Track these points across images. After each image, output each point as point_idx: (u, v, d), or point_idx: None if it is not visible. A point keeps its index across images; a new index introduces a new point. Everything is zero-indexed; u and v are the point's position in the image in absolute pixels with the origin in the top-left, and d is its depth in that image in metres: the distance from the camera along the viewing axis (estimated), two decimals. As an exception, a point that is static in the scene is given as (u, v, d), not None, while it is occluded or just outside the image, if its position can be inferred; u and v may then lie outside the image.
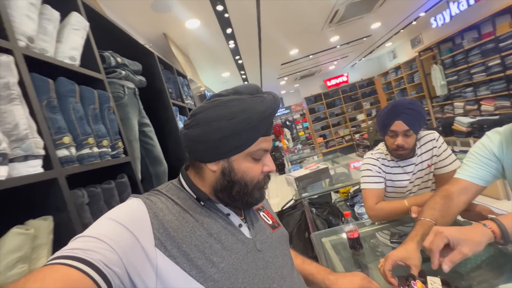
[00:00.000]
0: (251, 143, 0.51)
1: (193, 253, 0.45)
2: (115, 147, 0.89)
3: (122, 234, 0.42)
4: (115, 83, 1.11)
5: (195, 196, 0.53)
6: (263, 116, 0.50)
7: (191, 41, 3.04)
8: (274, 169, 0.56)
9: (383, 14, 3.95)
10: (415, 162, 1.14)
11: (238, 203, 0.54)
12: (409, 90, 6.51)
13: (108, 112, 0.89)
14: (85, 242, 0.39)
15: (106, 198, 0.78)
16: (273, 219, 0.64)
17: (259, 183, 0.54)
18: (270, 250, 0.55)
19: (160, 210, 0.48)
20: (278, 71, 5.94)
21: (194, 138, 0.51)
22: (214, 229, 0.50)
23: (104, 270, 0.36)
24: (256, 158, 0.53)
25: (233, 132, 0.49)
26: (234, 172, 0.52)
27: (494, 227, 0.59)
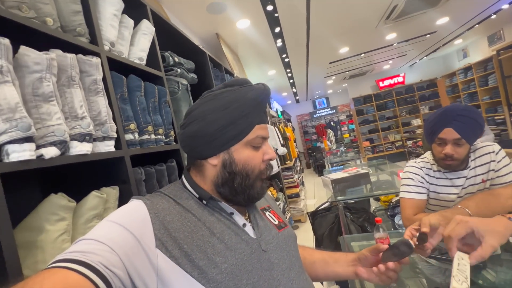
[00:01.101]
0: (248, 131, 0.52)
1: (194, 254, 0.44)
2: (168, 135, 1.03)
3: (123, 236, 0.42)
4: (171, 80, 1.27)
5: (197, 195, 0.53)
6: (255, 103, 0.52)
7: (240, 40, 3.18)
8: (275, 157, 0.56)
9: (452, 8, 3.50)
10: (467, 175, 1.04)
11: (240, 197, 0.53)
12: (481, 94, 5.65)
13: (165, 105, 1.04)
14: (85, 245, 0.39)
15: (158, 177, 0.92)
16: (279, 219, 0.62)
17: (261, 172, 0.54)
18: (276, 251, 0.53)
19: (161, 211, 0.48)
20: (326, 69, 5.76)
21: (192, 134, 0.52)
22: (217, 228, 0.49)
23: (103, 272, 0.36)
24: (255, 146, 0.53)
25: (228, 122, 0.50)
26: (235, 163, 0.52)
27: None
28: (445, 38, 5.13)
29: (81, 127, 0.61)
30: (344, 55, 4.80)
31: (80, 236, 0.41)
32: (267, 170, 0.55)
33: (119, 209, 0.48)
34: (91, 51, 0.72)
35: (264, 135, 0.54)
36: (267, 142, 0.56)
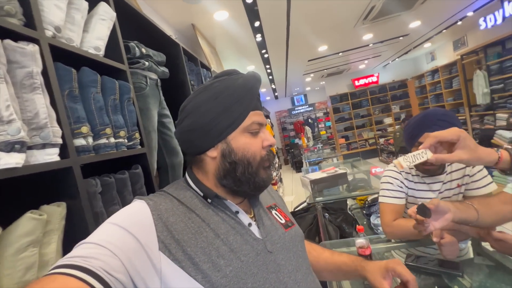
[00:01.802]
0: (243, 117, 0.51)
1: (198, 257, 0.43)
2: (132, 138, 0.90)
3: (124, 239, 0.41)
4: (137, 74, 1.13)
5: (201, 194, 0.52)
6: (246, 89, 0.51)
7: (218, 33, 3.03)
8: (275, 142, 0.55)
9: (424, 12, 3.65)
10: (443, 180, 1.05)
11: (245, 186, 0.51)
12: (445, 96, 6.05)
13: (128, 103, 0.90)
14: (86, 249, 0.38)
15: (119, 187, 0.80)
16: (286, 218, 0.60)
17: (262, 159, 0.52)
18: (283, 252, 0.51)
19: (165, 212, 0.46)
20: (305, 67, 5.78)
21: (188, 128, 0.52)
22: (221, 229, 0.48)
23: (105, 277, 0.35)
24: (252, 132, 0.52)
25: (222, 110, 0.50)
26: (234, 152, 0.51)
27: (504, 155, 0.58)
28: (416, 41, 5.38)
29: (8, 133, 0.48)
30: (323, 53, 4.84)
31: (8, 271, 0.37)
32: (269, 157, 0.53)
33: (121, 211, 0.46)
34: (27, 37, 0.58)
35: (260, 121, 0.53)
36: (265, 128, 0.54)
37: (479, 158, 0.58)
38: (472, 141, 0.58)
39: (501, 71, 4.46)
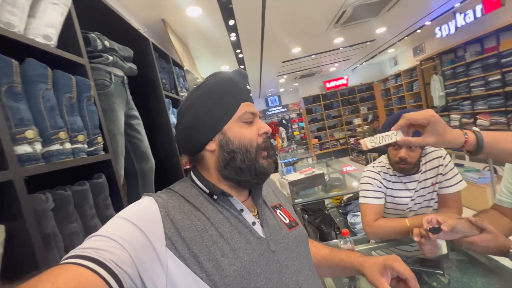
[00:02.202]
0: (235, 107, 0.53)
1: (203, 255, 0.43)
2: (93, 142, 0.78)
3: (134, 234, 0.41)
4: (100, 69, 1.00)
5: (207, 191, 0.53)
6: (233, 82, 0.54)
7: (191, 30, 2.90)
8: (270, 130, 0.56)
9: (389, 19, 3.88)
10: (418, 179, 1.08)
11: (247, 174, 0.52)
12: (407, 98, 6.51)
13: (88, 103, 0.78)
14: (97, 242, 0.39)
15: (78, 202, 0.68)
16: (290, 218, 0.60)
17: (259, 146, 0.53)
18: (286, 252, 0.51)
19: (172, 209, 0.47)
20: (279, 68, 5.82)
21: (185, 126, 0.53)
22: (225, 228, 0.48)
23: (115, 270, 0.36)
24: (247, 121, 0.54)
25: (214, 102, 0.52)
26: (231, 141, 0.52)
27: (471, 138, 0.60)
28: (381, 46, 5.72)
29: None
30: (297, 55, 4.91)
31: None
32: (265, 144, 0.55)
33: (130, 206, 0.47)
34: None
35: (253, 111, 0.55)
36: (258, 118, 0.56)
37: (445, 142, 0.59)
38: (442, 126, 0.58)
39: (454, 76, 4.92)
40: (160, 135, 1.47)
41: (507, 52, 3.79)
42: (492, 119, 4.27)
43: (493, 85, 4.13)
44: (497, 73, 4.00)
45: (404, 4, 3.32)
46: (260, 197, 0.57)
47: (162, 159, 1.45)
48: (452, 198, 1.05)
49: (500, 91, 4.02)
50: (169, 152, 1.50)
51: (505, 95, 3.97)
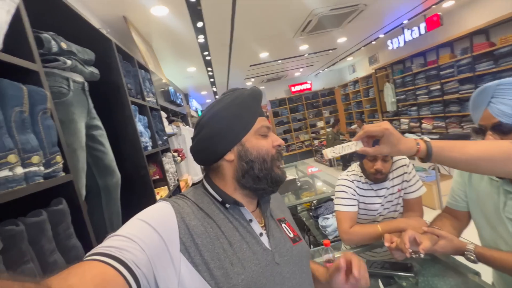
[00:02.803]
0: (253, 121, 0.56)
1: (213, 263, 0.45)
2: (51, 163, 0.67)
3: (152, 237, 0.43)
4: (56, 75, 0.87)
5: (220, 199, 0.55)
6: (252, 98, 0.57)
7: (156, 29, 2.73)
8: (284, 143, 0.60)
9: (349, 31, 4.17)
10: (387, 186, 1.16)
11: (264, 182, 0.55)
12: (364, 103, 7.07)
13: (43, 116, 0.67)
14: (119, 241, 0.40)
15: (33, 236, 0.57)
16: (294, 232, 0.62)
17: (273, 157, 0.57)
18: (289, 265, 0.53)
19: (187, 215, 0.49)
20: (246, 71, 5.84)
21: (206, 137, 0.56)
22: (235, 237, 0.50)
23: (135, 271, 0.38)
24: (263, 134, 0.57)
25: (234, 116, 0.55)
26: (249, 152, 0.55)
27: (422, 146, 0.65)
28: (342, 54, 6.13)
29: None
30: (264, 59, 4.98)
31: None
32: (279, 155, 0.58)
33: (148, 209, 0.49)
34: None
35: (267, 125, 0.58)
36: (271, 132, 0.60)
37: (399, 151, 0.65)
38: (395, 137, 0.64)
39: (403, 85, 5.49)
40: (126, 145, 1.34)
41: (445, 65, 4.36)
42: (434, 124, 4.87)
43: (434, 94, 4.71)
44: (437, 83, 4.58)
45: (362, 17, 3.59)
46: (268, 209, 0.60)
47: (128, 172, 1.33)
48: (415, 202, 1.16)
49: (440, 99, 4.61)
50: (137, 163, 1.38)
51: (444, 103, 4.56)
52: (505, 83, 0.70)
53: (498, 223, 0.77)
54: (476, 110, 0.77)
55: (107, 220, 1.16)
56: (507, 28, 3.44)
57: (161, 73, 3.27)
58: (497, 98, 0.71)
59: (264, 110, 10.66)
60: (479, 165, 0.60)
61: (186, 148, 3.01)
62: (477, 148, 0.60)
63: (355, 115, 7.68)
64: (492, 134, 0.72)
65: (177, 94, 3.02)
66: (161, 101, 2.22)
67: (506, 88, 0.70)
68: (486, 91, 0.73)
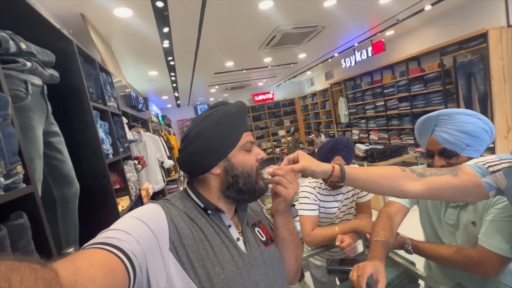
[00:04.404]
0: (239, 137, 0.59)
1: (198, 262, 0.48)
2: (11, 173, 0.62)
3: (146, 232, 0.45)
4: (13, 78, 0.80)
5: (202, 205, 0.58)
6: (239, 115, 0.60)
7: (117, 30, 2.59)
8: (266, 156, 0.65)
9: (309, 48, 4.52)
10: (343, 192, 1.31)
11: (246, 195, 0.59)
12: (321, 114, 7.62)
13: (4, 123, 0.62)
14: (118, 233, 0.42)
15: (-9, 254, 0.52)
16: (267, 235, 0.65)
17: (257, 170, 0.60)
18: (261, 267, 0.57)
19: (175, 217, 0.52)
20: (211, 79, 5.83)
21: (193, 152, 0.58)
22: (215, 241, 0.53)
23: (133, 260, 0.40)
24: (247, 150, 0.60)
25: (223, 133, 0.58)
26: (235, 167, 0.58)
27: (336, 167, 0.66)
28: (301, 68, 6.56)
29: None
30: (229, 68, 5.05)
31: None
32: (261, 167, 0.62)
33: (141, 208, 0.51)
34: None
35: (252, 140, 0.62)
36: (255, 146, 0.63)
37: (317, 164, 0.65)
38: (308, 155, 0.67)
39: (354, 100, 6.11)
40: (86, 153, 1.26)
41: (387, 85, 5.01)
42: (379, 135, 5.51)
43: (379, 109, 5.36)
44: (382, 100, 5.23)
45: (321, 37, 3.95)
46: (245, 215, 0.63)
47: (88, 181, 1.24)
48: (365, 205, 1.33)
49: (383, 113, 5.26)
50: (98, 172, 1.30)
51: (387, 117, 5.22)
52: (444, 114, 0.81)
53: (439, 227, 0.94)
54: (422, 137, 0.87)
55: (62, 234, 1.07)
56: (434, 57, 4.14)
57: (122, 75, 3.09)
58: (439, 127, 0.81)
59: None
60: (380, 182, 0.67)
61: (146, 156, 2.88)
62: (378, 170, 0.70)
63: (313, 125, 8.22)
64: (439, 159, 0.82)
65: (138, 98, 2.89)
66: (122, 106, 2.11)
67: (445, 119, 0.80)
68: (429, 121, 0.83)
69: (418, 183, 0.65)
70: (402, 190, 0.66)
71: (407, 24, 4.05)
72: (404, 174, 0.67)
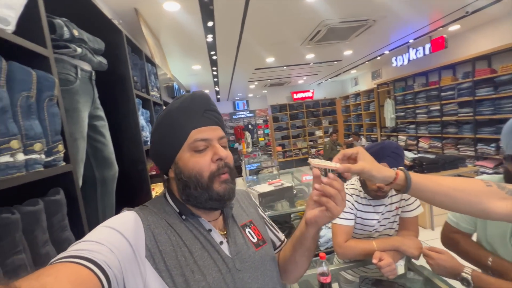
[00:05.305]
0: (183, 138, 0.53)
1: (176, 270, 0.46)
2: (53, 151, 0.66)
3: (120, 241, 0.44)
4: (65, 62, 0.85)
5: (177, 210, 0.55)
6: (181, 110, 0.54)
7: (166, 24, 2.72)
8: (225, 156, 0.54)
9: (356, 44, 4.21)
10: (385, 203, 1.16)
11: (203, 201, 0.53)
12: (364, 116, 7.12)
13: (49, 104, 0.65)
14: (89, 245, 0.40)
15: (27, 226, 0.55)
16: (259, 236, 0.62)
17: (212, 174, 0.53)
18: (250, 270, 0.54)
19: (152, 223, 0.50)
20: (251, 74, 5.85)
21: (151, 156, 0.58)
22: (195, 246, 0.50)
23: (107, 270, 0.38)
24: (198, 150, 0.53)
25: (164, 136, 0.54)
26: (181, 171, 0.53)
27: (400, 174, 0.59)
28: (346, 67, 6.18)
29: None
30: (270, 64, 4.99)
31: None
32: (221, 171, 0.53)
33: (114, 217, 0.49)
34: None
35: (204, 137, 0.53)
36: (215, 143, 0.54)
37: (379, 168, 0.58)
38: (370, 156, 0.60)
39: (404, 102, 5.55)
40: (126, 139, 1.33)
41: (446, 87, 4.43)
42: (431, 143, 4.92)
43: (434, 114, 4.77)
44: (437, 104, 4.64)
45: (370, 32, 3.64)
46: (229, 217, 0.60)
47: (126, 166, 1.31)
48: (411, 221, 1.16)
49: (438, 119, 4.67)
50: (135, 158, 1.36)
51: (442, 124, 4.62)
52: None
53: (499, 247, 0.78)
54: None
55: (100, 212, 1.14)
56: (509, 56, 3.51)
57: (167, 68, 3.26)
58: None
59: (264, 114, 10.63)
60: (455, 196, 0.56)
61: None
62: (453, 181, 0.58)
63: (354, 127, 7.73)
64: None
65: (180, 90, 3.01)
66: (164, 97, 2.20)
67: None
68: None
69: (507, 203, 0.53)
70: (484, 209, 0.54)
71: (478, 17, 3.49)
72: (489, 190, 0.55)
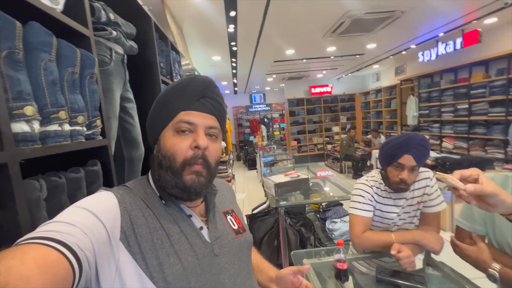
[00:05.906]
0: (171, 116, 0.53)
1: (150, 252, 0.46)
2: (92, 125, 0.71)
3: (93, 223, 0.42)
4: (101, 44, 0.90)
5: (158, 193, 0.54)
6: (176, 90, 0.54)
7: (189, 14, 2.76)
8: (205, 144, 0.51)
9: (380, 37, 4.05)
10: (407, 197, 1.14)
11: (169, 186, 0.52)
12: (384, 113, 6.89)
13: (90, 81, 0.70)
14: (60, 226, 0.39)
15: (71, 191, 0.61)
16: (239, 224, 0.64)
17: (186, 160, 0.51)
18: (228, 256, 0.55)
19: (129, 205, 0.49)
20: (269, 67, 5.81)
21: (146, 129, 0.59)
22: (173, 230, 0.50)
23: (79, 254, 0.37)
24: (180, 131, 0.52)
25: (157, 110, 0.55)
26: (160, 149, 0.53)
27: None
28: (368, 61, 5.97)
29: None
30: (289, 56, 4.93)
31: None
32: (195, 160, 0.51)
33: (89, 197, 0.48)
34: None
35: (190, 120, 0.52)
36: (200, 130, 0.53)
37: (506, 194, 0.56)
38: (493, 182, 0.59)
39: (428, 100, 5.30)
40: (152, 122, 1.38)
41: (476, 84, 4.17)
42: (456, 144, 4.69)
43: (461, 113, 4.53)
44: (465, 103, 4.39)
45: (396, 25, 3.48)
46: (211, 203, 0.60)
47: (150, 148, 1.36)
48: (433, 217, 1.13)
49: (465, 119, 4.43)
50: (160, 141, 1.42)
51: (470, 123, 4.38)
52: None
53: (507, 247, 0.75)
54: None
55: (127, 190, 1.21)
56: (552, 53, 3.25)
57: (189, 57, 3.32)
58: None
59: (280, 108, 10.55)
60: None
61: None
62: None
63: (373, 125, 7.51)
64: None
65: (200, 80, 3.06)
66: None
67: None
68: None
69: None
70: None
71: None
72: None
